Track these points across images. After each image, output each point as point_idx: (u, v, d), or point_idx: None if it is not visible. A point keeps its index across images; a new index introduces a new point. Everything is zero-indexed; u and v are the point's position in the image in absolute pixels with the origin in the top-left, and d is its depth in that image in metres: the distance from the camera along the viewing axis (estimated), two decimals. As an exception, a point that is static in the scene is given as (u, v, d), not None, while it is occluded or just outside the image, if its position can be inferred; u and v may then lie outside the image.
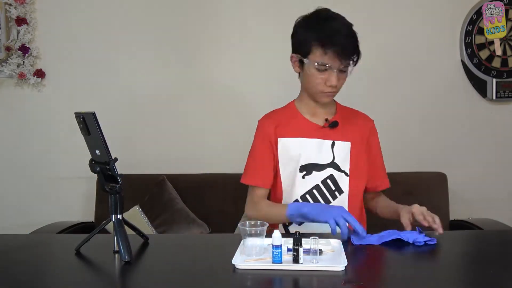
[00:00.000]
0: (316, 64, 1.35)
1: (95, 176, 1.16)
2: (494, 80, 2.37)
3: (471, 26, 2.38)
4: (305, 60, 1.38)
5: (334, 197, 1.45)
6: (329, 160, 1.44)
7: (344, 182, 1.46)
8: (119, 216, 1.13)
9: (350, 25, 1.38)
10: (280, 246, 1.00)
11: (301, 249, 1.00)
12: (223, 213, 2.21)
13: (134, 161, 2.34)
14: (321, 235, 1.15)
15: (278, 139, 1.46)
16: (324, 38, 1.32)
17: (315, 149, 1.44)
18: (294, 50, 1.44)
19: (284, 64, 2.35)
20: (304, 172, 1.44)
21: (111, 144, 1.10)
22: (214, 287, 0.95)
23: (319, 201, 1.44)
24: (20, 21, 2.33)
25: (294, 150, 1.44)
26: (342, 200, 1.45)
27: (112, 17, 2.40)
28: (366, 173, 1.50)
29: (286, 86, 2.37)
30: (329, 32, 1.33)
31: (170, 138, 2.44)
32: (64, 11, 2.39)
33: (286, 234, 1.25)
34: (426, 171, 2.29)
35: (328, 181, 1.45)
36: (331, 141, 1.45)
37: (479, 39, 2.37)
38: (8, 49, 2.33)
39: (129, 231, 1.13)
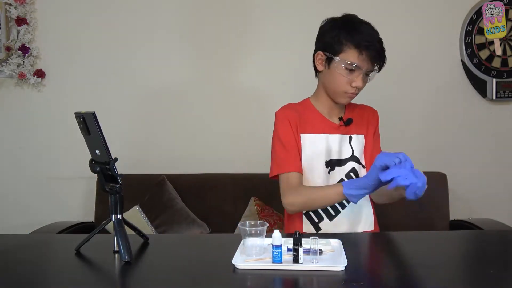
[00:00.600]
0: (347, 63, 1.38)
1: (95, 176, 1.16)
2: (494, 80, 2.37)
3: (471, 26, 2.38)
4: (335, 58, 1.39)
5: None
6: (349, 154, 1.48)
7: (363, 174, 1.49)
8: (119, 216, 1.12)
9: (378, 33, 1.42)
10: (280, 246, 1.00)
11: (301, 249, 1.00)
12: (223, 213, 2.21)
13: (134, 161, 2.34)
14: (322, 235, 1.14)
15: (301, 134, 1.47)
16: (361, 40, 1.36)
17: (337, 145, 1.47)
18: (322, 49, 1.44)
19: (286, 64, 2.36)
20: (329, 168, 1.46)
21: (111, 144, 1.10)
22: (214, 287, 0.95)
23: None
24: (20, 21, 2.33)
25: (317, 147, 1.46)
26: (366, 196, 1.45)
27: (112, 17, 2.40)
28: None
29: (288, 87, 2.38)
30: (366, 35, 1.38)
31: (170, 138, 2.44)
32: (64, 11, 2.39)
33: (305, 234, 1.21)
34: (426, 171, 2.27)
35: (352, 174, 1.47)
36: (349, 136, 1.49)
37: (479, 39, 2.37)
38: (8, 49, 2.33)
39: (129, 231, 1.13)
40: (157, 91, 2.43)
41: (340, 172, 1.46)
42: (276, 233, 1.00)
